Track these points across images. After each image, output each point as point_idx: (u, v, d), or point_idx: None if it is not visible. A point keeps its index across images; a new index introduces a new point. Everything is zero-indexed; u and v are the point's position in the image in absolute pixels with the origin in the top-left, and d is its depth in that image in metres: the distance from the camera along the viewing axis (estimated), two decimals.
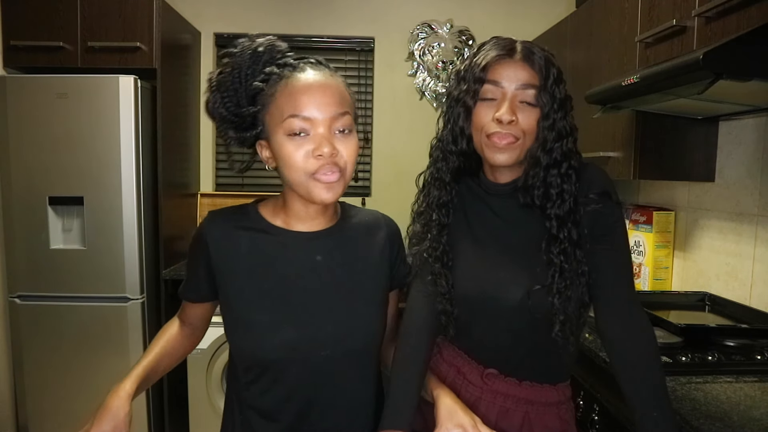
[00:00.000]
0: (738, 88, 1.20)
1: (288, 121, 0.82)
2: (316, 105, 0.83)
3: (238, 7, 2.89)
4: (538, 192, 0.91)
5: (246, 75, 0.86)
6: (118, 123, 2.17)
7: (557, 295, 0.88)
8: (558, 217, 0.89)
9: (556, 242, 0.89)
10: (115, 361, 2.24)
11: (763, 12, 1.14)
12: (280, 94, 0.84)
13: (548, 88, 0.89)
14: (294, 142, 0.83)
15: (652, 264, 2.00)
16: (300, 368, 0.89)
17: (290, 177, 0.85)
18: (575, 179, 0.91)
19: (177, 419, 2.46)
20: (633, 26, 1.70)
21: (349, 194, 2.99)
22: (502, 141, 0.89)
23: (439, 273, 0.96)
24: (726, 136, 1.74)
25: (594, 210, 0.90)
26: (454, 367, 1.01)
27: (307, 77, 0.85)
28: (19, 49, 2.26)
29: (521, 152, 0.91)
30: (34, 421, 2.29)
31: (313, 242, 0.93)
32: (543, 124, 0.89)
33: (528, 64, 0.89)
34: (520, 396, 0.95)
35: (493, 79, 0.89)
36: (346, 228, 0.97)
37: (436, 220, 0.98)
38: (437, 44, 2.94)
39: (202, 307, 0.99)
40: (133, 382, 0.89)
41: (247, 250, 0.91)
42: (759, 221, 1.61)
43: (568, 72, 2.10)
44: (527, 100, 0.89)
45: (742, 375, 1.25)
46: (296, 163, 0.83)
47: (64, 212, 2.23)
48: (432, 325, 0.99)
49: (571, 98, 0.93)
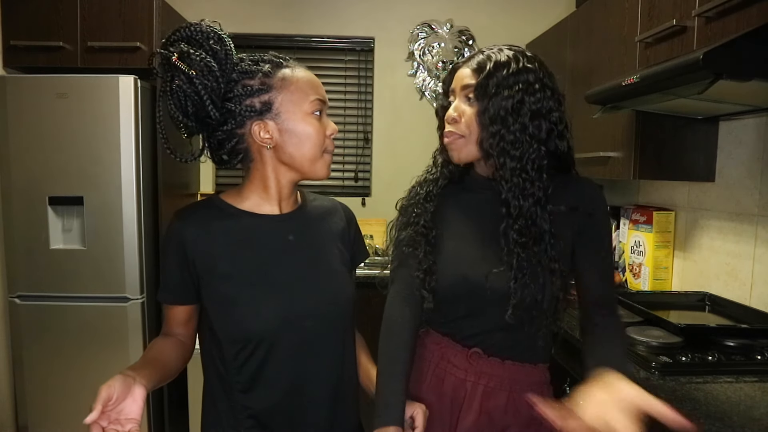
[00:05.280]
0: (738, 88, 1.20)
1: (314, 102, 0.95)
2: (323, 92, 0.99)
3: (238, 7, 2.89)
4: (503, 185, 0.97)
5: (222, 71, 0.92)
6: (118, 123, 2.17)
7: (513, 281, 0.94)
8: (516, 207, 0.95)
9: (512, 231, 0.95)
10: (115, 361, 2.23)
11: (763, 12, 1.14)
12: (296, 79, 0.95)
13: (482, 82, 0.94)
14: (319, 121, 0.96)
15: (652, 264, 2.00)
16: (289, 341, 0.94)
17: (302, 152, 0.95)
18: (534, 173, 0.95)
19: (177, 419, 2.47)
20: (633, 26, 1.70)
21: (349, 194, 2.99)
22: (448, 139, 1.00)
23: (423, 259, 1.02)
24: (726, 136, 1.74)
25: (580, 222, 0.99)
26: (438, 352, 1.05)
27: (304, 70, 0.98)
28: (19, 48, 2.26)
29: (471, 147, 0.98)
30: (34, 421, 2.29)
31: (283, 223, 1.00)
32: (482, 118, 0.95)
33: (467, 66, 0.99)
34: (504, 375, 1.01)
35: (449, 88, 1.04)
36: (309, 211, 1.06)
37: (419, 212, 1.05)
38: (437, 44, 2.94)
39: (183, 311, 0.99)
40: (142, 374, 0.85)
41: (223, 236, 0.95)
42: (759, 221, 1.61)
43: (567, 72, 2.12)
44: (467, 96, 0.98)
45: (742, 375, 1.25)
46: (319, 138, 0.95)
47: (64, 212, 2.23)
48: (412, 325, 1.03)
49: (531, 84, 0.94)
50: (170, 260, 0.95)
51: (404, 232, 1.06)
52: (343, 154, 3.01)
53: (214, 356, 0.97)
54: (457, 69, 1.02)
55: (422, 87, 2.96)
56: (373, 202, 2.98)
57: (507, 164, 0.94)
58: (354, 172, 3.03)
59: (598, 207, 1.00)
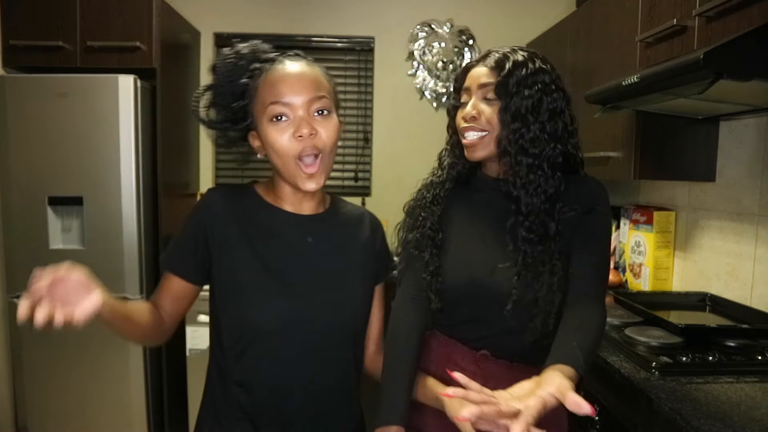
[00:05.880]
0: (738, 88, 1.20)
1: (270, 108, 0.90)
2: (294, 90, 0.90)
3: (238, 7, 2.88)
4: (516, 182, 0.97)
5: (232, 75, 0.93)
6: (117, 123, 2.16)
7: (516, 277, 0.94)
8: (528, 205, 0.95)
9: (521, 229, 0.96)
10: (114, 362, 2.24)
11: (763, 12, 1.14)
12: (262, 85, 0.92)
13: (503, 81, 0.95)
14: (277, 127, 0.90)
15: (652, 264, 2.00)
16: (287, 341, 0.93)
17: (277, 162, 0.92)
18: (547, 168, 0.96)
19: (177, 419, 2.46)
20: (633, 26, 1.70)
21: (349, 194, 2.99)
22: (469, 138, 0.99)
23: (429, 260, 1.01)
24: (726, 136, 1.74)
25: (581, 218, 0.98)
26: (444, 355, 1.04)
27: (284, 67, 0.93)
28: (18, 48, 2.26)
29: (491, 145, 0.98)
30: (34, 421, 2.29)
31: (305, 224, 0.99)
32: (504, 116, 0.95)
33: (484, 64, 0.99)
34: (512, 379, 0.97)
35: (461, 87, 1.03)
36: (335, 217, 1.04)
37: (427, 215, 1.05)
38: (437, 44, 2.94)
39: (179, 285, 0.95)
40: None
41: (246, 223, 0.95)
42: (759, 221, 1.61)
43: (567, 72, 2.11)
44: (486, 96, 0.98)
45: (743, 375, 1.25)
46: (281, 147, 0.90)
47: (63, 212, 2.23)
48: (420, 326, 1.03)
49: (548, 85, 0.96)
50: (189, 230, 0.95)
51: (411, 234, 1.06)
52: (343, 154, 3.01)
53: (215, 346, 0.97)
54: (470, 68, 1.02)
55: (422, 87, 2.96)
56: (373, 202, 2.98)
57: (524, 162, 0.95)
58: (354, 172, 3.03)
59: (597, 204, 1.00)
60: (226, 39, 2.89)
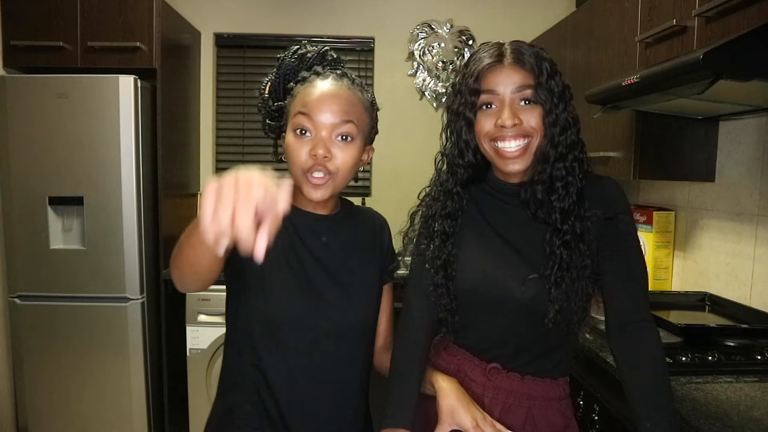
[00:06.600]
0: (738, 88, 1.20)
1: (297, 117, 0.92)
2: (322, 110, 0.91)
3: (238, 7, 2.88)
4: (543, 187, 0.93)
5: (287, 75, 0.99)
6: (117, 123, 2.17)
7: (554, 286, 0.89)
8: (562, 209, 0.91)
9: (559, 234, 0.91)
10: (114, 362, 2.24)
11: (763, 12, 1.14)
12: (299, 94, 0.95)
13: (545, 84, 0.90)
14: (298, 140, 0.92)
15: (652, 264, 2.00)
16: (301, 334, 0.95)
17: (290, 170, 0.94)
18: (579, 171, 0.93)
19: (177, 419, 2.47)
20: (633, 26, 1.70)
21: (349, 194, 2.99)
22: (513, 149, 0.90)
23: (440, 283, 0.97)
24: (726, 136, 1.74)
25: (605, 222, 0.92)
26: (454, 365, 1.01)
27: (323, 84, 0.94)
28: (18, 48, 2.26)
29: (532, 154, 0.92)
30: (34, 421, 2.29)
31: (319, 223, 1.01)
32: (547, 120, 0.90)
33: (519, 65, 0.90)
34: (522, 391, 0.96)
35: (488, 89, 0.91)
36: (346, 218, 1.06)
37: (440, 230, 0.99)
38: (437, 44, 2.94)
39: None
40: None
41: None
42: (759, 221, 1.61)
43: (568, 72, 2.11)
44: (527, 99, 0.90)
45: (743, 375, 1.25)
46: (295, 158, 0.92)
47: (63, 212, 2.23)
48: (430, 324, 1.01)
49: (569, 87, 0.95)
50: None
51: (422, 240, 1.02)
52: None
53: (234, 333, 0.99)
54: (491, 67, 0.91)
55: (422, 87, 2.96)
56: (373, 202, 2.98)
57: (562, 166, 0.91)
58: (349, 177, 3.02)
59: (618, 209, 0.94)
60: (226, 39, 2.90)
